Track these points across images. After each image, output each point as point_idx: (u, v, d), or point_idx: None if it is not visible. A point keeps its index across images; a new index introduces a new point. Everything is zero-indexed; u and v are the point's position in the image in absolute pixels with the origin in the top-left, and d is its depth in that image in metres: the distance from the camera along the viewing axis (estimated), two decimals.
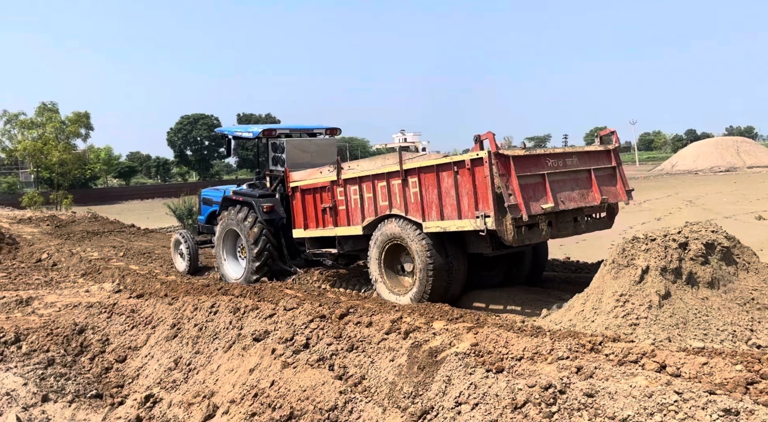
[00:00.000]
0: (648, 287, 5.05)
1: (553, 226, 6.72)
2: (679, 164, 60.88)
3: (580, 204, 6.88)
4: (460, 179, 6.60)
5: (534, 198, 6.46)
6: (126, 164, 76.05)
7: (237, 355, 6.24)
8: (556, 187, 6.68)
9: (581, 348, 4.14)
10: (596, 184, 7.04)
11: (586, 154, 7.28)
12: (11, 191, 50.45)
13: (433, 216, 6.93)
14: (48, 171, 34.14)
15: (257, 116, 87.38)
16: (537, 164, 6.65)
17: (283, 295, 7.47)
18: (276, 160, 10.07)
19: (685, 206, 23.72)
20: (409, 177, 7.17)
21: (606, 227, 7.49)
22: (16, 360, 6.86)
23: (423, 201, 7.03)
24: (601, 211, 7.31)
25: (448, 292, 7.21)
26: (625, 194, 7.38)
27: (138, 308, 8.04)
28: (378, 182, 7.58)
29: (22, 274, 11.90)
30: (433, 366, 4.67)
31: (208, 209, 11.73)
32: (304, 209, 8.80)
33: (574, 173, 6.99)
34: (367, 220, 7.79)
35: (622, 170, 7.50)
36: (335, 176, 8.19)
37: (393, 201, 7.41)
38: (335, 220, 8.28)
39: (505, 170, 6.30)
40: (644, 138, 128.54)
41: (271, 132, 10.17)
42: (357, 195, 7.88)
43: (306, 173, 9.15)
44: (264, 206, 9.47)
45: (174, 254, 12.17)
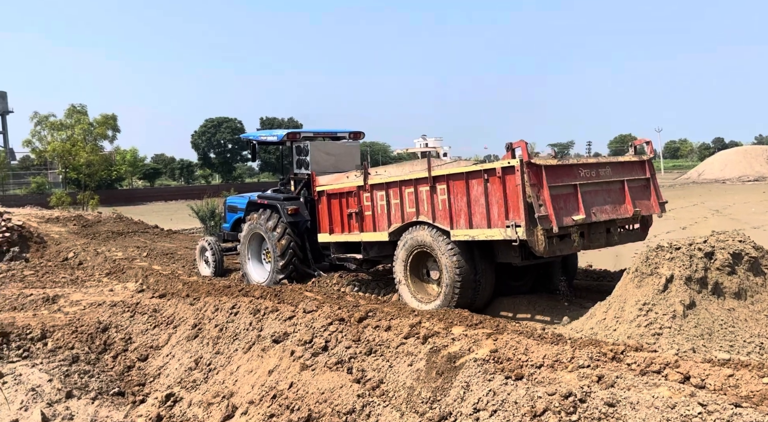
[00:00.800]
0: (672, 297, 4.96)
1: (586, 237, 6.62)
2: (706, 173, 59.79)
3: (613, 216, 6.75)
4: (490, 187, 6.51)
5: (565, 209, 6.36)
6: (151, 165, 77.27)
7: (256, 356, 6.29)
8: (588, 198, 6.58)
9: (602, 357, 4.08)
10: (629, 195, 6.91)
11: (619, 164, 7.14)
12: (40, 191, 51.61)
13: (462, 224, 6.84)
14: (75, 172, 34.83)
15: (280, 120, 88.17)
16: (569, 174, 6.55)
17: (303, 297, 7.51)
18: (300, 163, 10.11)
19: (712, 216, 23.26)
20: (438, 184, 7.10)
21: (639, 239, 7.36)
22: (42, 357, 7.00)
23: (451, 209, 6.96)
24: (634, 222, 7.17)
25: (475, 301, 7.12)
26: (659, 207, 7.25)
27: (160, 307, 8.16)
28: (405, 188, 7.53)
29: (49, 272, 12.15)
30: (452, 371, 4.65)
31: (233, 217, 11.79)
32: (329, 214, 8.80)
33: (607, 184, 6.85)
34: (393, 226, 7.76)
35: (655, 182, 7.36)
36: (362, 182, 8.16)
37: (420, 208, 7.36)
38: (361, 225, 8.26)
39: (536, 180, 6.22)
40: (670, 146, 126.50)
41: (295, 136, 10.22)
42: (384, 201, 7.83)
43: (332, 177, 9.13)
44: (288, 208, 9.51)
45: (199, 260, 12.24)
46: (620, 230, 7.10)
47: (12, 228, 14.54)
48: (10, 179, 58.48)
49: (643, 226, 7.30)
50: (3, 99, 78.86)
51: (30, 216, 18.28)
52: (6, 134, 79.44)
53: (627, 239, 7.23)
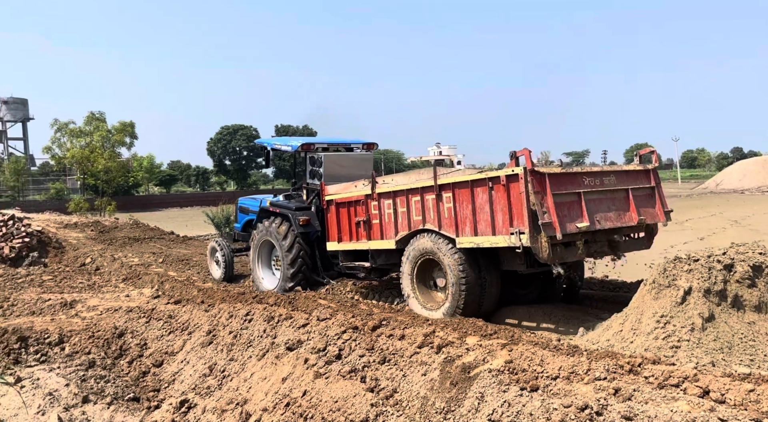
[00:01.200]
0: (690, 309, 4.89)
1: (590, 245, 6.64)
2: (724, 183, 59.00)
3: (617, 224, 6.77)
4: (494, 195, 6.57)
5: (569, 216, 6.39)
6: (167, 172, 78.09)
7: (270, 363, 6.30)
8: (592, 206, 6.60)
9: (619, 369, 4.04)
10: (634, 204, 6.93)
11: (624, 173, 7.18)
12: (59, 197, 52.38)
13: (467, 232, 6.89)
14: (93, 178, 35.33)
15: (294, 128, 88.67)
16: (573, 182, 6.59)
17: (317, 305, 7.52)
18: (313, 173, 10.23)
19: (731, 226, 22.93)
20: (444, 192, 7.17)
21: (644, 247, 7.35)
22: (59, 361, 7.08)
23: (457, 216, 7.01)
24: (639, 231, 7.19)
25: (481, 308, 7.15)
26: (664, 215, 7.23)
27: (175, 314, 8.22)
28: (412, 197, 7.60)
29: (66, 277, 12.30)
30: (466, 381, 4.62)
31: (245, 218, 11.90)
32: (338, 222, 8.88)
33: (612, 192, 6.90)
34: (400, 234, 7.82)
35: (661, 191, 7.37)
36: (369, 190, 8.25)
37: (427, 216, 7.41)
38: (369, 233, 8.34)
39: (540, 188, 6.26)
40: (687, 155, 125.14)
41: (309, 146, 10.32)
42: (391, 209, 7.91)
43: (341, 186, 9.23)
44: (300, 219, 9.61)
45: (210, 261, 12.34)
46: (625, 238, 7.11)
47: (31, 234, 14.76)
48: (29, 185, 59.41)
49: (649, 235, 7.29)
50: (24, 106, 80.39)
51: (49, 222, 18.54)
52: (27, 141, 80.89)
53: (632, 248, 7.23)
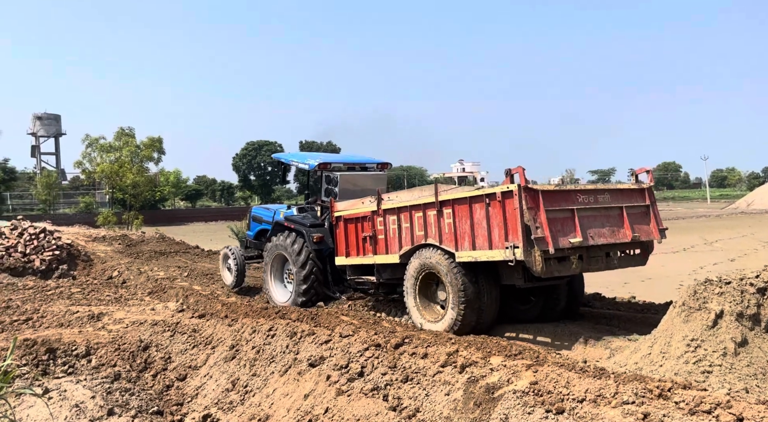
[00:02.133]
0: (722, 333, 4.76)
1: (584, 260, 6.82)
2: (755, 203, 57.66)
3: (610, 240, 6.97)
4: (491, 211, 6.82)
5: (562, 232, 6.60)
6: (193, 187, 79.42)
7: (292, 380, 6.30)
8: (586, 222, 6.81)
9: (648, 394, 3.94)
10: (628, 221, 7.14)
11: (618, 191, 7.41)
12: (88, 211, 53.57)
13: (466, 246, 7.13)
14: (122, 192, 36.13)
15: (318, 144, 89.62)
16: (567, 199, 6.80)
17: (339, 322, 7.53)
18: (328, 192, 10.48)
19: (763, 248, 22.35)
20: (444, 208, 7.43)
21: (640, 263, 7.53)
22: (86, 373, 7.18)
23: (456, 231, 7.25)
24: (634, 248, 7.36)
25: (480, 322, 7.33)
26: (658, 233, 7.40)
27: (199, 328, 8.29)
28: (415, 213, 7.86)
29: (94, 290, 12.52)
30: (490, 402, 4.56)
31: (258, 226, 12.17)
32: (346, 238, 9.12)
33: (606, 209, 7.10)
34: (404, 249, 8.06)
35: (656, 209, 7.56)
36: (375, 207, 8.51)
37: (428, 231, 7.66)
38: (374, 248, 8.59)
39: (533, 204, 6.50)
40: (717, 175, 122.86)
41: (326, 166, 10.58)
42: (395, 225, 8.19)
43: (349, 203, 9.47)
44: (314, 236, 9.86)
45: (222, 268, 12.52)
46: (620, 255, 7.29)
47: (61, 246, 15.10)
48: (60, 199, 60.89)
49: (644, 251, 7.46)
50: (57, 122, 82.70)
51: (78, 235, 18.96)
52: (59, 155, 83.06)
53: (627, 264, 7.42)
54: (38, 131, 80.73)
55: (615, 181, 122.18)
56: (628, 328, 7.18)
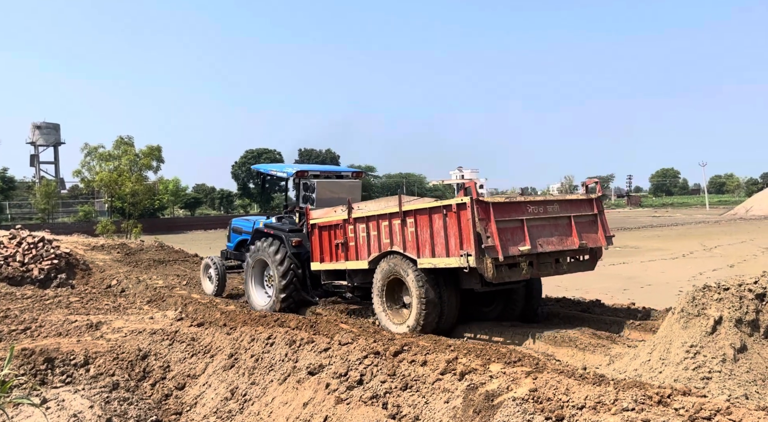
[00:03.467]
0: (721, 340, 4.75)
1: (534, 266, 7.31)
2: (754, 209, 57.72)
3: (559, 248, 7.47)
4: (448, 222, 7.30)
5: (512, 241, 7.11)
6: (192, 195, 79.35)
7: (291, 388, 6.28)
8: (535, 231, 7.32)
9: (648, 400, 3.93)
10: (576, 230, 7.64)
11: (567, 202, 7.90)
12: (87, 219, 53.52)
13: (427, 253, 7.61)
14: (120, 201, 36.12)
15: (317, 152, 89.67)
16: (517, 210, 7.30)
17: (338, 329, 7.51)
18: (306, 198, 10.94)
19: (762, 254, 22.37)
20: (407, 218, 7.91)
21: (589, 269, 8.05)
22: (84, 383, 7.15)
23: (418, 240, 7.72)
24: (583, 254, 7.86)
25: (441, 323, 7.81)
26: (605, 240, 7.93)
27: (198, 336, 8.26)
28: (382, 222, 8.34)
29: (93, 299, 12.48)
30: (490, 410, 4.54)
31: (237, 237, 12.57)
32: (320, 244, 9.58)
33: (555, 219, 7.60)
34: (372, 255, 8.52)
35: (603, 218, 8.05)
36: (347, 215, 8.97)
37: (394, 239, 8.13)
38: (346, 255, 9.04)
39: (484, 215, 6.99)
40: (715, 181, 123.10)
41: (303, 173, 11.06)
42: (364, 233, 8.65)
43: (323, 211, 10.01)
44: (293, 240, 10.23)
45: (203, 277, 12.88)
46: (570, 260, 7.78)
47: (60, 255, 15.07)
48: (59, 208, 60.84)
49: (592, 257, 7.99)
50: (56, 131, 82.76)
51: (77, 244, 18.93)
52: (58, 164, 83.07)
53: (576, 269, 7.93)
54: (37, 140, 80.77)
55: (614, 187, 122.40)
56: (628, 335, 7.17)
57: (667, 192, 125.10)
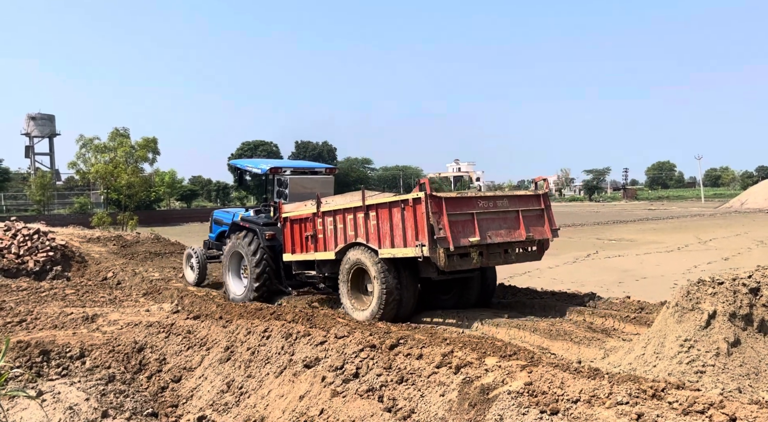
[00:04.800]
0: (715, 334, 4.78)
1: (484, 255, 7.89)
2: (749, 202, 57.89)
3: (507, 239, 8.07)
4: (406, 214, 7.85)
5: (463, 233, 7.69)
6: (188, 187, 79.04)
7: (288, 381, 6.29)
8: (485, 224, 7.90)
9: (642, 394, 3.95)
10: (524, 223, 8.23)
11: (516, 197, 8.53)
12: (83, 211, 53.29)
13: (387, 244, 8.15)
14: (116, 193, 35.95)
15: (314, 144, 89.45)
16: (468, 204, 7.88)
17: (335, 323, 7.52)
18: (280, 194, 11.34)
19: (756, 247, 22.46)
20: (370, 211, 8.44)
21: (536, 258, 8.68)
22: (80, 375, 7.14)
23: (379, 232, 8.26)
24: (531, 245, 8.44)
25: (400, 310, 8.35)
26: (551, 233, 8.53)
27: (194, 329, 8.26)
28: (347, 215, 8.86)
29: (89, 291, 12.46)
30: (485, 403, 4.56)
31: (218, 229, 12.97)
32: (292, 237, 10.06)
33: (504, 213, 8.18)
34: (338, 246, 9.04)
35: (550, 212, 8.65)
36: (315, 209, 9.45)
37: (358, 231, 8.67)
38: (315, 246, 9.55)
39: (437, 209, 7.56)
40: (710, 174, 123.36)
41: (277, 170, 11.49)
42: (332, 225, 9.16)
43: (294, 205, 10.46)
44: (266, 233, 10.67)
45: (185, 266, 13.30)
46: (519, 251, 8.38)
47: (55, 248, 15.03)
48: (55, 199, 60.57)
49: (540, 248, 8.57)
50: (51, 122, 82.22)
51: (72, 236, 18.87)
52: (53, 156, 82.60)
53: (524, 259, 8.61)
54: (32, 132, 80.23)
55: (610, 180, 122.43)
56: (623, 328, 7.21)
57: (663, 185, 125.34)
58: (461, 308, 8.82)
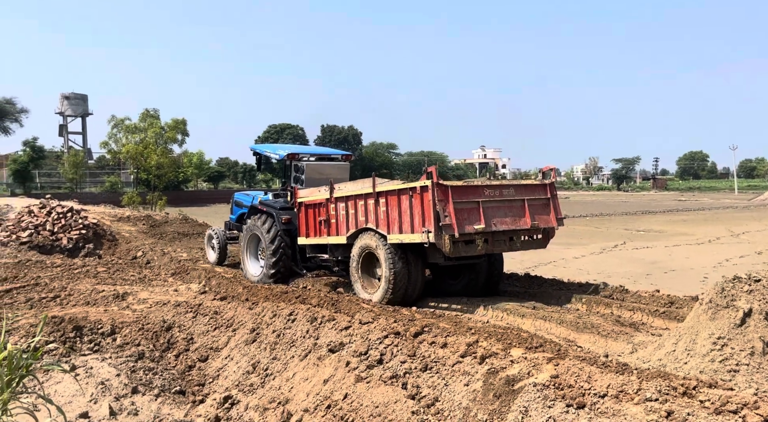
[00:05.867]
0: (750, 332, 4.66)
1: (489, 243, 8.10)
2: None
3: (512, 227, 8.27)
4: (413, 201, 8.06)
5: (468, 220, 7.88)
6: (215, 168, 79.90)
7: (312, 365, 6.36)
8: (490, 212, 8.10)
9: (672, 391, 3.88)
10: (529, 211, 8.40)
11: (522, 186, 8.70)
12: (113, 190, 54.42)
13: (395, 230, 8.38)
14: (146, 173, 36.58)
15: (340, 128, 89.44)
16: (474, 193, 8.08)
17: (359, 308, 7.56)
18: (296, 179, 11.70)
19: None
20: (380, 198, 8.68)
21: (541, 246, 8.86)
22: (110, 351, 7.33)
23: (388, 218, 8.50)
24: (537, 233, 8.64)
25: (408, 293, 8.61)
26: (556, 221, 8.72)
27: (221, 310, 8.39)
28: (359, 201, 9.11)
29: (119, 270, 12.75)
30: (510, 394, 4.54)
31: (239, 211, 13.31)
32: (306, 221, 10.37)
33: (510, 201, 8.37)
34: (350, 231, 9.32)
35: (556, 201, 8.85)
36: (329, 195, 9.71)
37: (368, 217, 8.92)
38: (328, 230, 9.83)
39: (443, 197, 7.76)
40: (745, 165, 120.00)
41: (294, 156, 11.80)
42: (344, 211, 9.43)
43: (309, 191, 10.81)
44: (283, 217, 11.03)
45: (207, 247, 13.84)
46: (524, 238, 8.57)
47: (88, 226, 15.39)
48: (86, 178, 61.91)
49: (545, 236, 8.78)
50: (84, 102, 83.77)
51: (104, 214, 19.28)
52: (85, 135, 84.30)
53: (529, 247, 8.75)
54: (66, 111, 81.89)
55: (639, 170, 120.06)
56: (651, 322, 7.09)
57: (695, 176, 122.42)
58: (468, 294, 9.04)
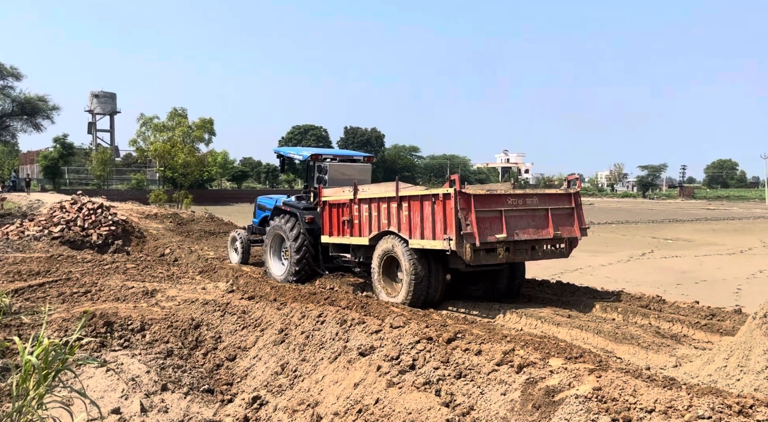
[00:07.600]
0: None
1: (510, 251, 8.06)
2: None
3: (534, 237, 8.21)
4: (436, 208, 8.07)
5: (490, 229, 7.86)
6: (239, 168, 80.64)
7: (342, 368, 6.28)
8: (513, 221, 8.05)
9: (727, 409, 3.71)
10: (552, 221, 8.35)
11: (546, 195, 8.61)
12: (139, 188, 55.24)
13: (417, 235, 8.43)
14: (172, 171, 37.01)
15: (363, 130, 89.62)
16: (497, 201, 8.06)
17: (389, 312, 7.47)
18: (320, 180, 11.79)
19: None
20: (403, 202, 8.74)
21: (563, 256, 8.80)
22: (140, 348, 7.35)
23: (410, 223, 8.55)
24: (560, 243, 8.57)
25: (428, 298, 8.63)
26: (580, 231, 8.69)
27: (249, 309, 8.37)
28: (381, 204, 9.18)
29: (148, 266, 12.84)
30: (550, 406, 4.40)
31: (261, 214, 13.51)
32: (330, 220, 10.49)
33: (533, 210, 8.32)
34: (372, 233, 9.41)
35: (580, 211, 8.78)
36: (353, 196, 9.82)
37: (390, 220, 9.00)
38: (351, 231, 9.92)
39: (466, 205, 7.74)
40: None
41: (318, 157, 11.97)
42: (367, 213, 9.51)
43: (333, 190, 10.94)
44: (306, 217, 11.17)
45: (230, 249, 13.95)
46: (547, 248, 8.52)
47: (117, 222, 15.58)
48: (113, 175, 62.96)
49: (568, 246, 8.73)
50: (112, 100, 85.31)
51: (132, 211, 19.51)
52: (113, 133, 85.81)
53: (551, 256, 8.69)
54: (95, 109, 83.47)
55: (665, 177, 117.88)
56: (693, 335, 6.86)
57: (723, 184, 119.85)
58: (488, 299, 9.04)
